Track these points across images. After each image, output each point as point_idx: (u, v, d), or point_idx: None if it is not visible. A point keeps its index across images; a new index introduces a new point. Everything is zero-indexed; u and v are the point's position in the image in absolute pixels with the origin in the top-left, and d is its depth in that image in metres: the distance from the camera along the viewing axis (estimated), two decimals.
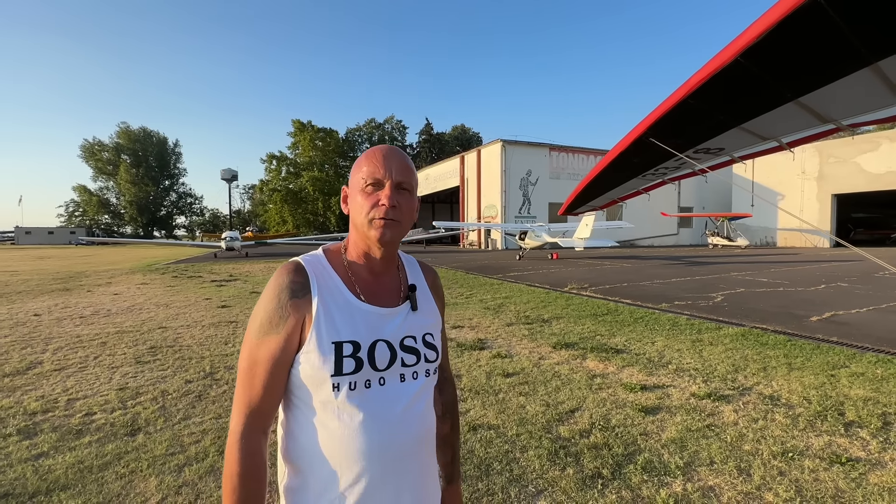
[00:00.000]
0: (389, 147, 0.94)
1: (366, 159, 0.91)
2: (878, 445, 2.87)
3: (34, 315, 7.46)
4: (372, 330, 0.89)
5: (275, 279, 0.89)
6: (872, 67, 2.31)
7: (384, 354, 0.89)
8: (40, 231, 62.96)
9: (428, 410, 0.96)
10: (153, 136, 72.17)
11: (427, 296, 1.03)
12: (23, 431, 3.11)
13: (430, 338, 0.97)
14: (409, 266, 1.05)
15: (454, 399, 1.15)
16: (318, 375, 0.85)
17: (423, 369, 0.94)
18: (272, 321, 0.86)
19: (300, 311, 0.86)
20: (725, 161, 4.22)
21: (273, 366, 0.86)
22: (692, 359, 4.76)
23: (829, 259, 19.24)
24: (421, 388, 0.94)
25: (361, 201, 0.89)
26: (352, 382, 0.85)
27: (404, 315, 0.95)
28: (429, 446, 0.97)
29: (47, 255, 28.48)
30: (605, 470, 2.60)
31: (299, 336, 0.86)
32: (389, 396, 0.89)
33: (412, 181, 0.92)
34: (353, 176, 0.93)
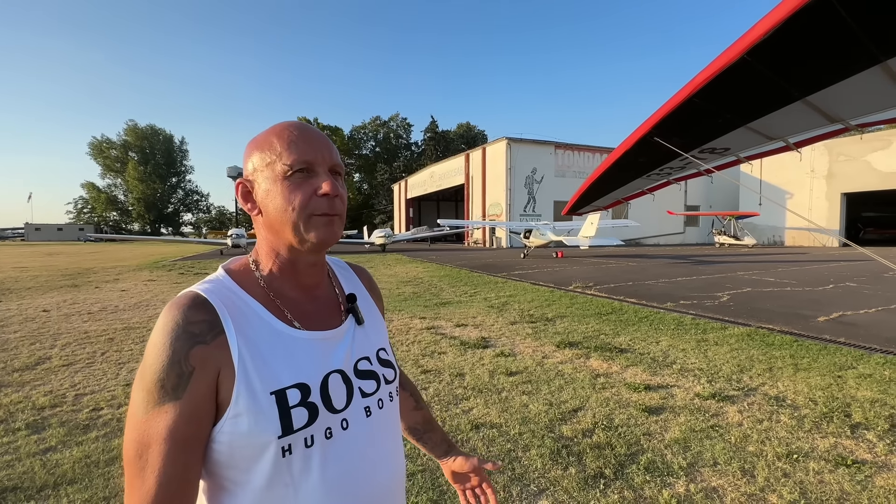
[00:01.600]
0: (304, 123, 0.73)
1: (282, 139, 0.69)
2: (884, 448, 2.84)
3: (43, 311, 7.56)
4: (319, 363, 0.70)
5: (162, 323, 0.63)
6: (882, 66, 2.28)
7: (339, 390, 0.70)
8: (49, 228, 63.73)
9: (399, 440, 0.82)
10: (160, 133, 72.77)
11: (368, 303, 0.86)
12: (31, 426, 3.16)
13: (384, 353, 0.81)
14: (339, 270, 0.87)
15: (415, 386, 1.06)
16: (256, 443, 0.62)
17: (386, 393, 0.78)
18: (164, 385, 0.60)
19: (210, 360, 0.62)
20: (731, 161, 4.18)
21: (174, 447, 0.59)
22: (697, 359, 4.74)
23: (837, 259, 19.03)
24: (391, 418, 0.79)
25: (286, 194, 0.67)
26: (307, 438, 0.65)
27: (352, 334, 0.77)
28: (403, 484, 0.82)
29: (56, 252, 28.80)
30: (607, 470, 2.59)
31: (215, 399, 0.62)
32: (358, 441, 0.71)
33: (341, 161, 0.74)
34: (260, 161, 0.70)
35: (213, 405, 0.63)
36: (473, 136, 70.73)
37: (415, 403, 1.03)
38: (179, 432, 0.60)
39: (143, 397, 0.61)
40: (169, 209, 75.28)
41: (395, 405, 0.82)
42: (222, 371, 0.63)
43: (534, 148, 33.34)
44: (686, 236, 38.95)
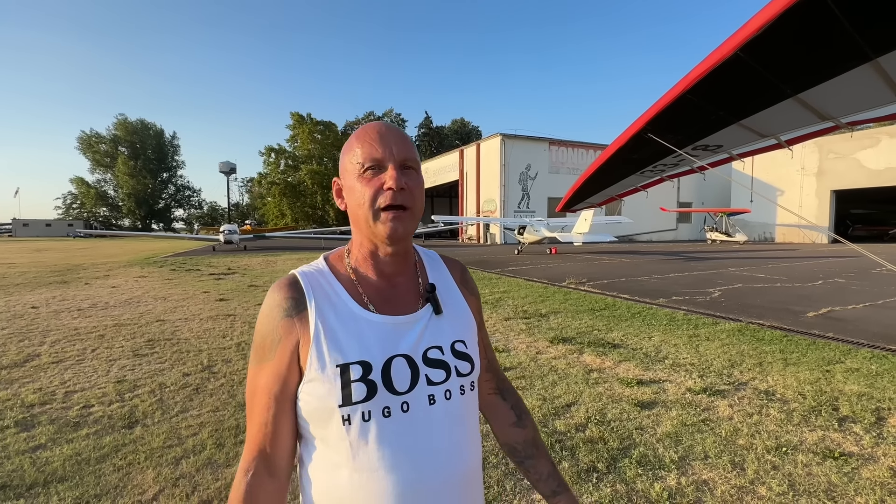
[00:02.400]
0: (382, 122, 0.79)
1: (358, 140, 0.76)
2: (870, 440, 2.89)
3: (32, 307, 7.46)
4: (386, 345, 0.74)
5: (267, 297, 0.77)
6: (872, 64, 2.30)
7: (403, 373, 0.73)
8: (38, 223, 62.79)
9: (471, 438, 0.80)
10: (150, 128, 71.77)
11: (455, 295, 0.87)
12: (20, 423, 3.12)
13: (462, 346, 0.80)
14: (429, 262, 0.90)
15: (522, 402, 0.98)
16: (323, 407, 0.71)
17: (457, 386, 0.77)
18: (265, 346, 0.74)
19: (294, 332, 0.73)
20: (724, 158, 4.21)
21: (270, 398, 0.73)
22: (689, 354, 4.79)
23: (826, 255, 19.29)
24: (459, 411, 0.77)
25: (361, 189, 0.74)
26: (365, 412, 0.70)
27: (425, 322, 0.79)
28: (473, 482, 0.79)
29: (45, 248, 28.40)
30: (600, 464, 2.62)
31: (297, 362, 0.73)
32: (416, 425, 0.73)
33: (416, 157, 0.77)
34: (346, 162, 0.78)
35: (297, 368, 0.74)
36: (468, 132, 70.60)
37: (516, 419, 0.95)
38: (270, 387, 0.74)
39: (253, 356, 0.77)
40: (160, 205, 74.43)
41: (467, 399, 0.80)
42: (302, 341, 0.73)
43: (528, 144, 33.35)
44: (678, 233, 39.24)
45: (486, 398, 0.96)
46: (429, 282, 0.84)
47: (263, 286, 10.05)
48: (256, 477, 0.73)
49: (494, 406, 0.96)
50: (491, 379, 0.96)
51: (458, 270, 0.93)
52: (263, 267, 14.73)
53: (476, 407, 0.85)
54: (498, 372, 0.99)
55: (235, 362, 4.51)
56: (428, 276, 0.86)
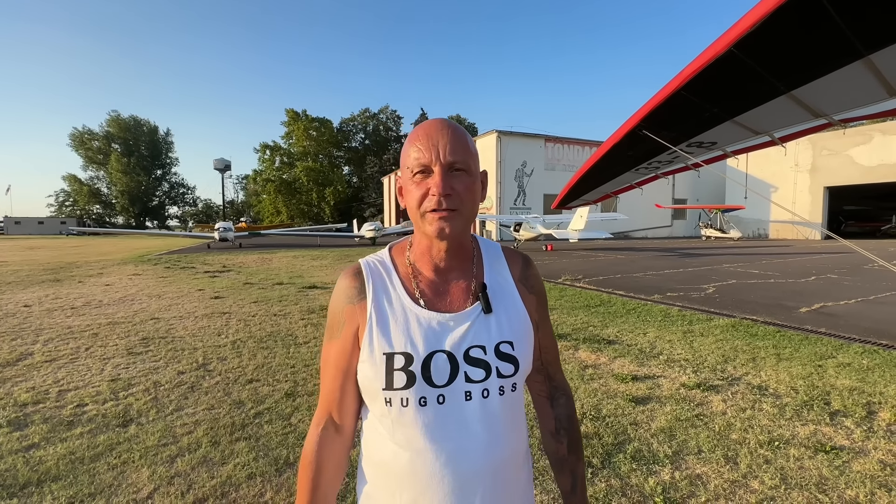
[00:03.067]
0: (436, 121, 0.79)
1: (411, 143, 0.79)
2: (861, 434, 2.93)
3: (24, 306, 7.39)
4: (430, 340, 0.78)
5: (337, 283, 0.87)
6: (864, 61, 2.31)
7: (443, 368, 0.77)
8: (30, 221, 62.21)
9: (508, 434, 0.81)
10: (144, 124, 71.19)
11: (510, 293, 0.86)
12: (13, 423, 3.10)
13: (508, 347, 0.80)
14: (488, 257, 0.89)
15: (570, 413, 0.95)
16: (371, 387, 0.79)
17: (496, 386, 0.78)
18: (333, 326, 0.85)
19: (354, 317, 0.82)
20: (718, 155, 4.23)
21: (336, 370, 0.84)
22: (683, 349, 4.82)
23: (819, 251, 19.45)
24: (496, 409, 0.79)
25: (413, 192, 0.78)
26: (404, 398, 0.76)
27: (472, 321, 0.81)
28: (506, 475, 0.81)
29: (37, 246, 28.14)
30: (595, 459, 2.63)
31: (358, 343, 0.82)
32: (450, 417, 0.76)
33: (468, 159, 0.77)
34: (403, 162, 0.81)
35: (357, 348, 0.82)
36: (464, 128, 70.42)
37: (553, 430, 0.94)
38: (337, 361, 0.84)
39: (326, 331, 0.87)
40: (154, 202, 73.93)
41: (507, 399, 0.80)
42: (360, 325, 0.82)
43: (524, 141, 33.34)
44: (673, 229, 39.43)
45: (536, 399, 0.98)
46: (483, 280, 0.86)
47: (259, 284, 10.01)
48: (325, 430, 0.86)
49: (541, 409, 0.97)
50: (543, 381, 0.96)
51: (518, 266, 0.91)
52: (259, 265, 14.67)
53: (518, 407, 0.84)
54: (554, 377, 0.96)
55: (231, 360, 4.50)
56: (484, 272, 0.87)
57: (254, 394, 3.63)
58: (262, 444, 2.82)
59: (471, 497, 0.76)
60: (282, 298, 8.08)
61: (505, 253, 0.92)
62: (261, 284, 9.92)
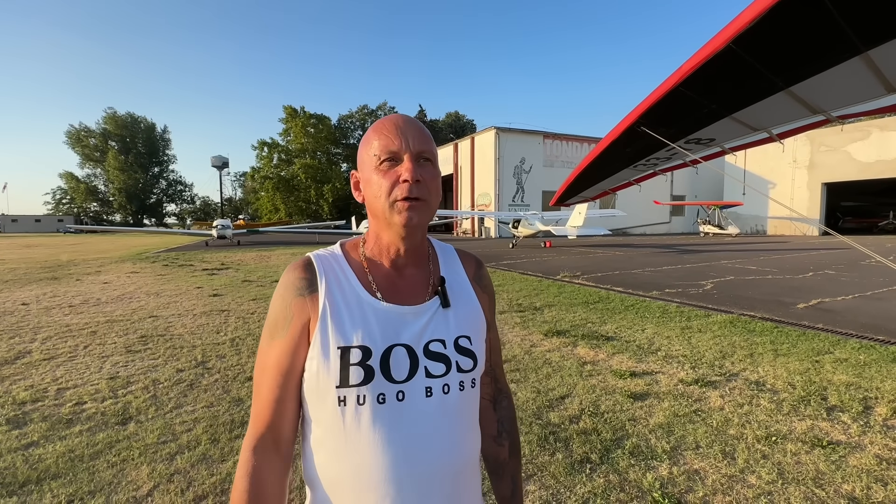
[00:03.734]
0: (401, 115, 0.79)
1: (375, 132, 0.77)
2: (858, 429, 2.95)
3: (22, 304, 7.37)
4: (388, 333, 0.75)
5: (282, 277, 0.80)
6: (863, 56, 2.31)
7: (402, 363, 0.74)
8: (27, 219, 61.95)
9: (466, 434, 0.79)
10: (141, 122, 70.68)
11: (466, 290, 0.86)
12: (12, 421, 3.09)
13: (466, 342, 0.80)
14: (443, 255, 0.90)
15: (512, 416, 0.95)
16: (321, 386, 0.73)
17: (457, 381, 0.77)
18: (277, 323, 0.77)
19: (305, 311, 0.76)
20: (716, 152, 4.23)
21: (279, 374, 0.75)
22: (681, 346, 4.83)
23: (817, 247, 19.51)
24: (455, 406, 0.77)
25: (378, 181, 0.75)
26: (360, 396, 0.71)
27: (431, 314, 0.79)
28: (466, 476, 0.79)
29: (34, 244, 28.04)
30: (593, 455, 2.65)
31: (307, 340, 0.75)
32: (409, 415, 0.73)
33: (433, 150, 0.78)
34: (363, 154, 0.79)
35: (307, 345, 0.76)
36: (462, 125, 70.30)
37: (495, 434, 0.92)
38: (282, 362, 0.76)
39: (265, 333, 0.79)
40: (152, 200, 73.56)
41: (467, 395, 0.79)
42: (311, 319, 0.76)
43: (522, 137, 33.29)
44: (672, 226, 39.48)
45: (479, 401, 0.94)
46: (440, 275, 0.85)
47: (257, 281, 10.00)
48: (265, 454, 0.75)
49: (483, 412, 0.92)
50: (489, 384, 0.93)
51: (472, 265, 0.92)
52: (257, 262, 14.65)
53: (475, 405, 0.83)
54: (499, 380, 0.96)
55: (229, 358, 4.50)
56: (440, 270, 0.87)
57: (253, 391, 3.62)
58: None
59: (432, 500, 0.74)
60: None
61: (459, 254, 0.92)
62: (259, 282, 9.91)
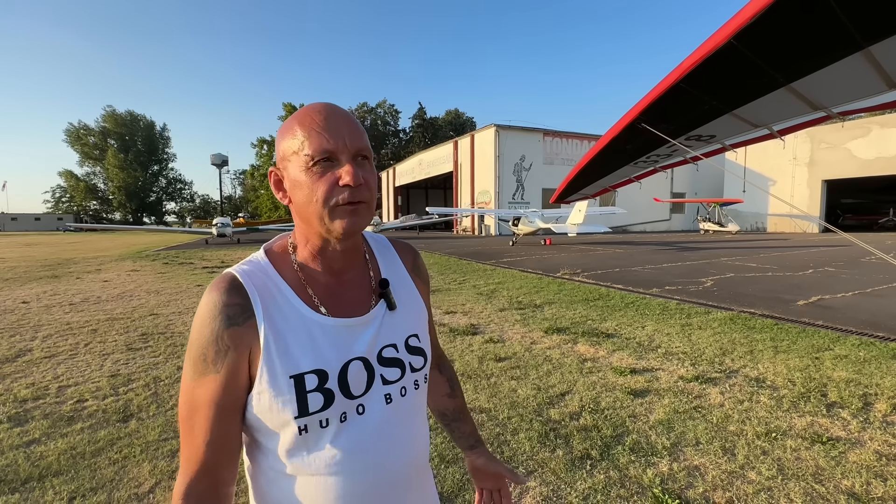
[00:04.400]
0: (329, 105, 0.69)
1: (303, 127, 0.67)
2: (857, 425, 2.95)
3: (22, 302, 7.38)
4: (341, 350, 0.71)
5: (205, 302, 0.68)
6: (864, 52, 2.30)
7: (359, 377, 0.71)
8: (26, 217, 61.94)
9: (422, 429, 0.81)
10: (140, 120, 70.62)
11: (407, 285, 0.84)
12: (13, 419, 3.10)
13: (416, 340, 0.79)
14: (379, 251, 0.85)
15: (454, 374, 1.04)
16: (277, 419, 0.67)
17: (412, 381, 0.77)
18: (206, 358, 0.66)
19: (242, 341, 0.67)
20: (717, 149, 4.22)
21: (216, 412, 0.66)
22: (681, 343, 4.84)
23: (817, 244, 19.50)
24: (413, 405, 0.78)
25: (311, 184, 0.66)
26: (322, 420, 0.68)
27: (379, 320, 0.76)
28: (424, 469, 0.83)
29: (34, 242, 28.04)
30: (593, 451, 2.65)
31: (247, 372, 0.68)
32: (372, 426, 0.72)
33: (369, 145, 0.71)
34: (286, 151, 0.69)
35: (247, 378, 0.68)
36: (462, 122, 70.23)
37: (449, 390, 1.01)
38: (219, 399, 0.67)
39: (190, 367, 0.68)
40: (151, 198, 73.55)
41: (420, 392, 0.80)
42: (252, 349, 0.68)
43: (522, 135, 33.23)
44: (672, 223, 39.47)
45: None
46: (381, 276, 0.81)
47: None
48: (203, 501, 0.66)
49: (432, 379, 0.99)
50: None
51: (409, 257, 0.89)
52: None
53: (425, 398, 0.84)
54: (437, 348, 1.00)
55: None
56: (380, 267, 0.83)
57: None
58: None
59: (402, 499, 0.76)
60: None
61: (394, 245, 0.89)
62: None
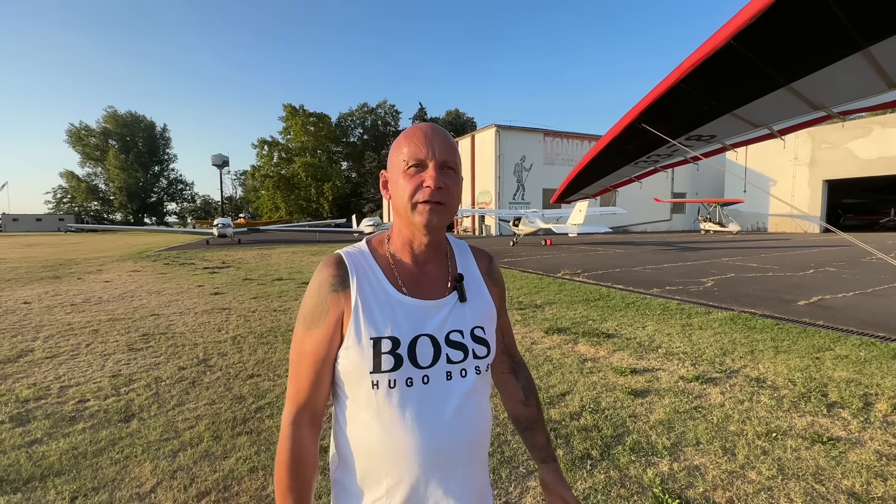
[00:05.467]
0: (430, 124, 0.87)
1: (406, 139, 0.86)
2: (858, 425, 2.95)
3: (24, 303, 7.39)
4: (414, 325, 0.85)
5: (316, 273, 0.88)
6: (864, 52, 2.30)
7: (427, 351, 0.84)
8: (28, 218, 61.96)
9: (481, 412, 0.90)
10: (141, 120, 70.63)
11: (479, 285, 0.96)
12: (15, 419, 3.11)
13: (481, 332, 0.90)
14: (459, 252, 0.99)
15: (532, 383, 1.10)
16: (357, 372, 0.83)
17: (473, 366, 0.88)
18: (313, 316, 0.85)
19: (339, 305, 0.84)
20: (717, 149, 4.22)
21: (316, 360, 0.85)
22: (682, 343, 4.84)
23: (818, 244, 19.48)
24: (472, 388, 0.88)
25: (404, 184, 0.83)
26: (391, 380, 0.82)
27: (450, 307, 0.89)
28: (481, 451, 0.91)
29: (36, 243, 28.08)
30: (594, 451, 2.65)
31: (340, 331, 0.85)
32: (434, 396, 0.84)
33: (457, 160, 0.86)
34: (393, 158, 0.87)
35: (340, 335, 0.85)
36: (462, 123, 70.17)
37: (524, 398, 1.06)
38: (318, 350, 0.85)
39: (301, 323, 0.87)
40: (152, 198, 73.56)
41: (483, 379, 0.91)
42: (345, 313, 0.84)
43: (523, 135, 33.25)
44: (672, 223, 39.44)
45: (500, 376, 1.08)
46: (457, 271, 0.94)
47: (258, 280, 10.02)
48: (303, 427, 0.86)
49: (507, 383, 1.08)
50: (506, 360, 1.08)
51: (485, 262, 1.01)
52: (258, 260, 14.66)
53: (488, 385, 0.95)
54: (514, 355, 1.10)
55: (231, 356, 4.51)
56: (457, 266, 0.96)
57: (255, 389, 3.64)
58: (263, 439, 2.84)
59: (454, 471, 0.85)
60: (281, 294, 8.09)
61: (472, 250, 1.02)
62: (260, 280, 9.92)
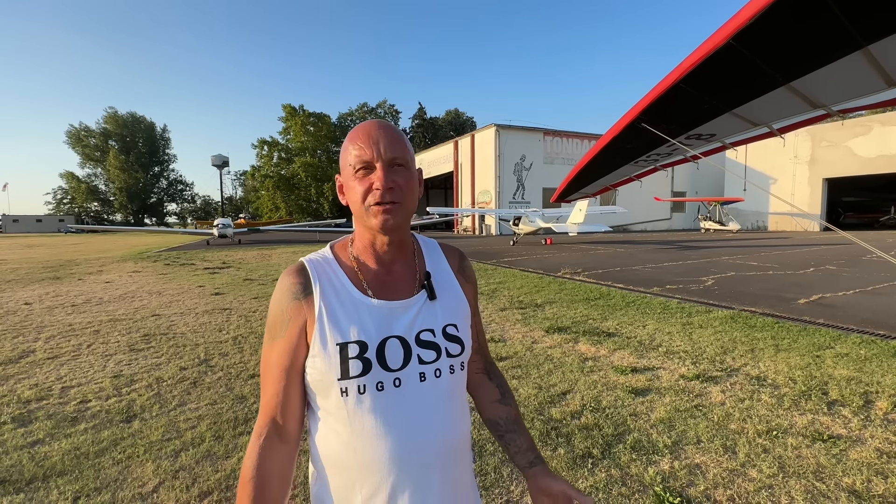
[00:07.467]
0: (374, 122, 0.83)
1: (350, 141, 0.82)
2: (858, 423, 2.96)
3: (25, 304, 7.40)
4: (381, 327, 0.82)
5: (278, 283, 0.86)
6: (863, 51, 2.31)
7: (396, 353, 0.81)
8: (28, 219, 62.00)
9: (459, 413, 0.87)
10: (141, 121, 70.57)
11: (451, 282, 0.93)
12: (17, 419, 3.12)
13: (454, 329, 0.87)
14: (427, 251, 0.96)
15: (506, 381, 1.06)
16: (325, 380, 0.80)
17: (447, 365, 0.85)
18: (276, 326, 0.83)
19: (301, 314, 0.82)
20: (717, 147, 4.23)
21: (281, 371, 0.83)
22: (682, 341, 4.84)
23: (818, 243, 19.48)
24: (448, 388, 0.84)
25: (355, 188, 0.81)
26: (360, 385, 0.79)
27: (419, 307, 0.86)
28: (460, 454, 0.87)
29: (36, 244, 28.10)
30: (595, 450, 2.66)
31: (305, 340, 0.82)
32: (407, 399, 0.81)
33: (406, 155, 0.82)
34: (343, 161, 0.85)
35: (305, 344, 0.82)
36: (462, 122, 70.16)
37: (499, 396, 1.02)
38: (282, 360, 0.83)
39: (266, 334, 0.86)
40: (152, 199, 73.53)
41: (457, 378, 0.88)
42: (308, 321, 0.82)
43: (523, 135, 33.23)
44: (673, 222, 39.43)
45: (473, 377, 1.04)
46: (425, 269, 0.91)
47: (259, 280, 10.02)
48: (268, 441, 0.83)
49: (481, 384, 1.04)
50: (479, 360, 1.05)
51: (456, 258, 0.99)
52: (258, 261, 14.67)
53: (464, 386, 0.92)
54: (486, 355, 1.07)
55: (232, 356, 4.52)
56: (425, 264, 0.93)
57: (256, 388, 3.65)
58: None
59: (432, 477, 0.81)
60: None
61: (442, 247, 0.99)
62: (261, 280, 9.93)
